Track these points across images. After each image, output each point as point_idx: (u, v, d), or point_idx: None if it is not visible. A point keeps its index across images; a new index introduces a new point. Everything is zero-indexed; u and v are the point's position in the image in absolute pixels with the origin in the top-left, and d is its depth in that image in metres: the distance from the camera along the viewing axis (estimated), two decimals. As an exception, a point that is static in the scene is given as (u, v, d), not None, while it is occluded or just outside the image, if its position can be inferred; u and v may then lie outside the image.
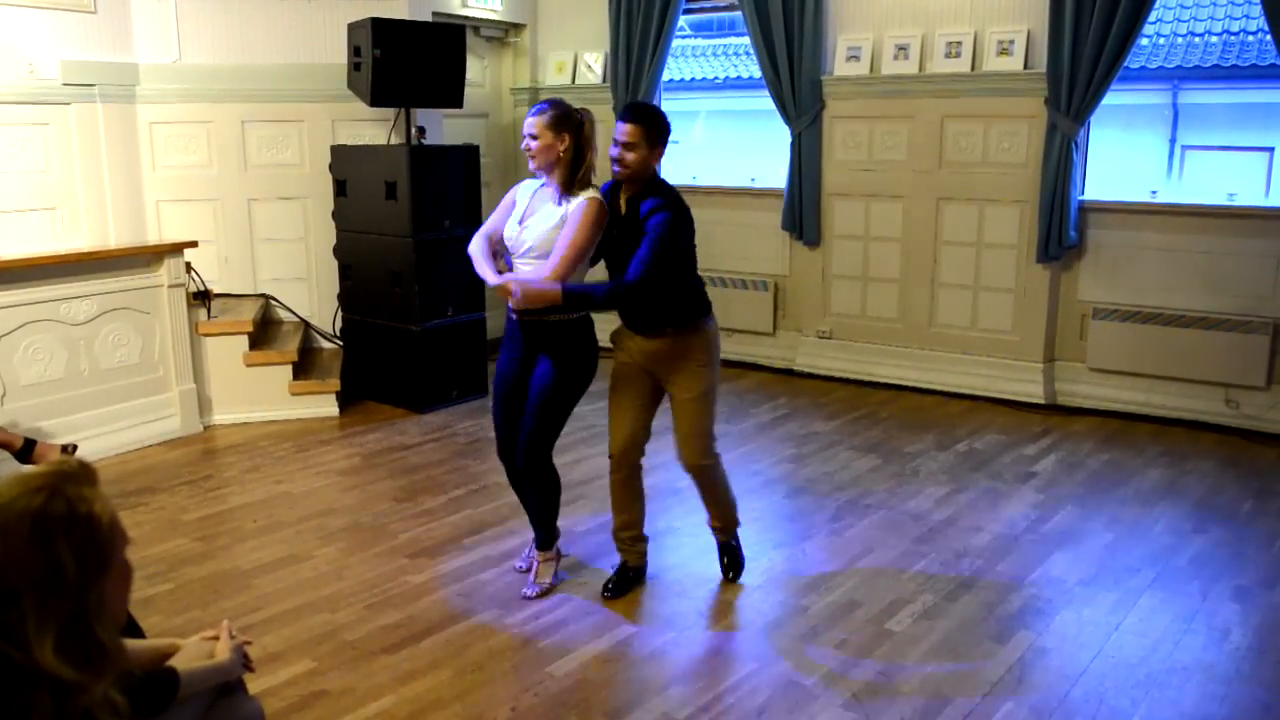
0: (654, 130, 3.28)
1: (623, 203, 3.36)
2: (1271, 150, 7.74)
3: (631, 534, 3.64)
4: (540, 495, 3.53)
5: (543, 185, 3.40)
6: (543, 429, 3.38)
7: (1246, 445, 5.22)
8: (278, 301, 6.20)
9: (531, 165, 3.34)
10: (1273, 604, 3.51)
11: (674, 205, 3.27)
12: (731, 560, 3.73)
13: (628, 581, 3.62)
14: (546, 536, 3.61)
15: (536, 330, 3.37)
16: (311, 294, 6.30)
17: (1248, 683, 3.02)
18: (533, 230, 3.33)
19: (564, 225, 3.25)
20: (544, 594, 3.56)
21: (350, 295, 6.13)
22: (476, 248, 3.45)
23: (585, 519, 4.26)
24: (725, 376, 6.47)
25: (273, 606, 3.49)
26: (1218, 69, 7.60)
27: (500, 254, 3.48)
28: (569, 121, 3.29)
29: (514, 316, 3.38)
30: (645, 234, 3.21)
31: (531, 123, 3.29)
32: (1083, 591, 3.60)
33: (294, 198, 6.17)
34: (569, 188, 3.30)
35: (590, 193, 3.28)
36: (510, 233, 3.40)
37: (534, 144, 3.29)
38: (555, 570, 3.66)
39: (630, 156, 3.26)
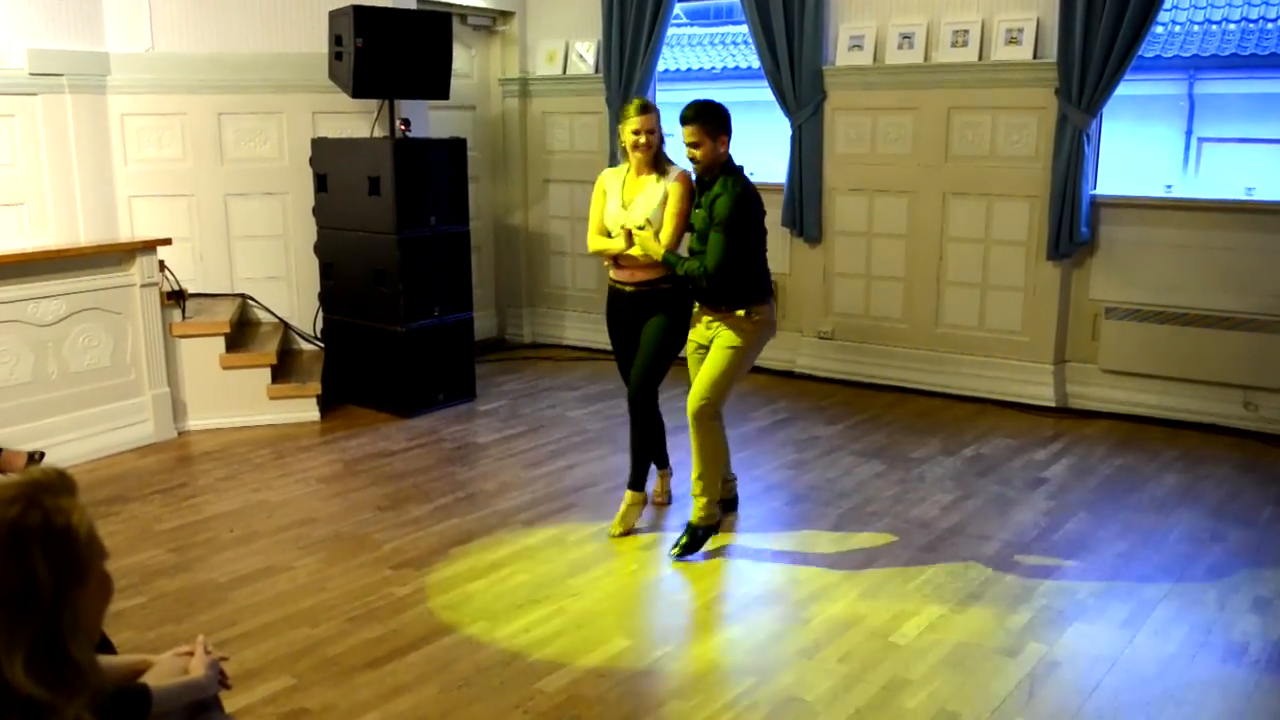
0: (712, 124, 3.84)
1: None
2: (1291, 142, 7.75)
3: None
4: (641, 431, 4.21)
5: (627, 170, 4.15)
6: (654, 371, 4.13)
7: (1265, 449, 5.23)
8: (255, 301, 6.19)
9: (638, 158, 4.04)
10: (1293, 615, 3.52)
11: (737, 190, 3.84)
12: (688, 540, 3.98)
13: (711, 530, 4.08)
14: (637, 475, 4.24)
15: (649, 297, 4.11)
16: (291, 293, 6.29)
17: (1268, 697, 3.03)
18: (641, 209, 4.04)
19: (667, 200, 4.01)
20: (625, 534, 4.13)
21: (332, 295, 6.12)
22: (599, 244, 4.17)
23: (578, 526, 4.25)
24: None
25: (250, 620, 3.47)
26: (1235, 58, 7.61)
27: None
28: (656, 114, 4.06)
29: (629, 289, 4.12)
30: (712, 221, 3.85)
31: (643, 120, 3.98)
32: (1095, 603, 3.61)
33: (273, 193, 6.16)
34: (662, 169, 4.08)
35: (678, 170, 4.05)
36: (614, 217, 4.10)
37: (647, 138, 3.99)
38: (640, 513, 4.26)
39: (698, 153, 3.86)
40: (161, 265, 5.39)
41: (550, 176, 7.55)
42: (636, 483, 4.25)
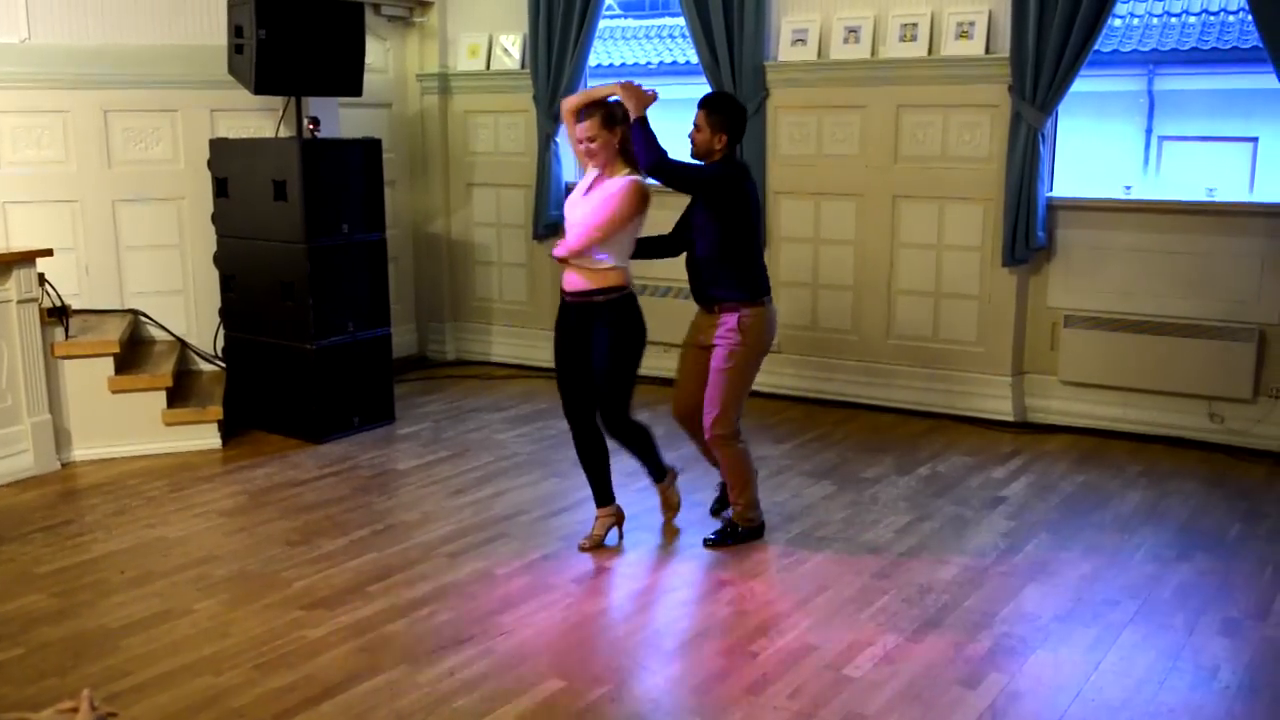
0: (716, 116, 4.18)
1: None
2: (1255, 140, 8.02)
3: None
4: (634, 450, 4.38)
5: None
6: (616, 396, 4.20)
7: (1232, 462, 5.39)
8: (148, 318, 6.09)
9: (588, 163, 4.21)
10: (1264, 638, 3.62)
11: (723, 163, 4.22)
12: (729, 534, 4.41)
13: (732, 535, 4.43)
14: (658, 469, 4.49)
15: (587, 309, 4.15)
16: (188, 309, 6.19)
17: (1237, 724, 3.11)
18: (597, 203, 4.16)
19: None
20: (593, 548, 4.33)
21: (234, 310, 6.04)
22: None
23: (508, 559, 4.23)
24: (659, 397, 6.50)
25: (144, 671, 3.40)
26: (1196, 52, 7.86)
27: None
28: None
29: (567, 299, 4.21)
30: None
31: (582, 128, 4.10)
32: (1058, 628, 3.68)
33: (167, 199, 6.07)
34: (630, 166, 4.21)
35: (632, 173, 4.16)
36: (570, 203, 4.30)
37: (588, 146, 4.12)
38: (680, 497, 4.64)
39: (697, 137, 4.22)
40: (41, 279, 5.27)
41: (474, 180, 7.53)
42: (602, 498, 4.39)
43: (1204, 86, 8.46)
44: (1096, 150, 7.26)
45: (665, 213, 4.55)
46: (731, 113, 4.23)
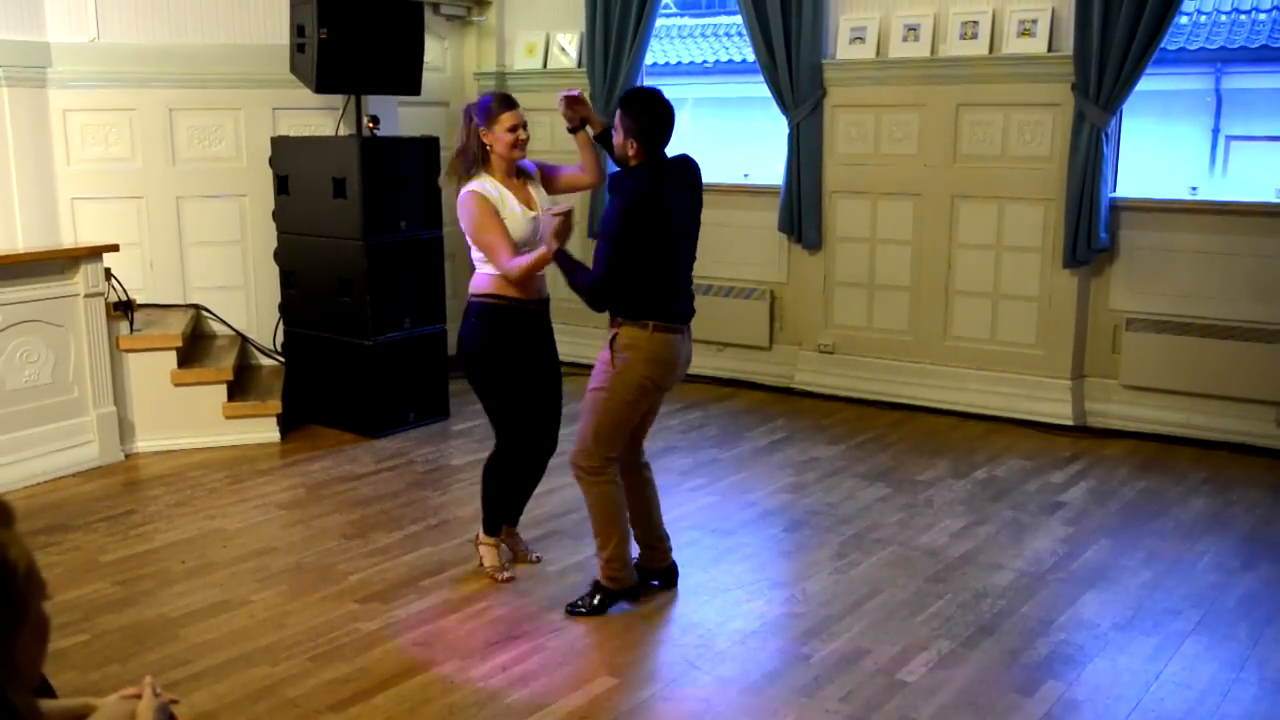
0: (631, 120, 3.56)
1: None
2: (1325, 141, 7.81)
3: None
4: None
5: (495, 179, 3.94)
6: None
7: (1299, 471, 5.27)
8: (210, 313, 6.18)
9: (514, 158, 3.91)
10: (1330, 649, 3.53)
11: (626, 193, 3.55)
12: (588, 596, 3.81)
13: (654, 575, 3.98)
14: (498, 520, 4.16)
15: (546, 316, 4.04)
16: (249, 304, 6.28)
17: (1302, 738, 3.04)
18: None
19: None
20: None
21: (293, 306, 6.11)
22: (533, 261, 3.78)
23: (560, 556, 4.25)
24: (716, 395, 6.50)
25: (203, 659, 3.45)
26: (1265, 50, 7.67)
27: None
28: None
29: (531, 308, 3.93)
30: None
31: (519, 114, 3.86)
32: (1118, 637, 3.62)
33: (229, 195, 6.16)
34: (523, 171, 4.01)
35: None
36: (528, 230, 3.88)
37: (526, 132, 3.90)
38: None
39: (615, 141, 3.65)
40: (108, 273, 5.38)
41: (529, 178, 7.55)
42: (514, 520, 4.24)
43: (1274, 85, 8.27)
44: (1162, 150, 7.13)
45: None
46: (645, 115, 3.56)
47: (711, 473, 5.25)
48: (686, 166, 3.75)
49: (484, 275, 3.88)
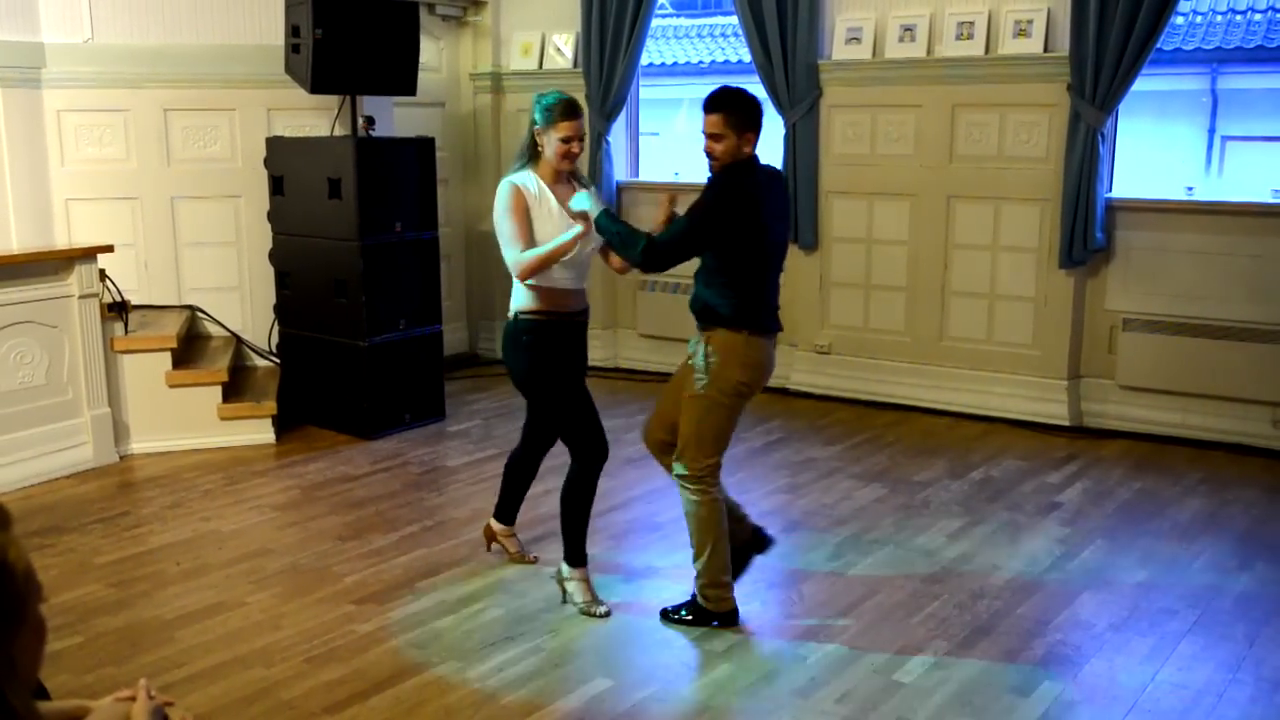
0: (739, 116, 3.52)
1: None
2: (1321, 141, 7.84)
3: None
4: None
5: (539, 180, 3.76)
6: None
7: (1295, 471, 5.28)
8: (205, 314, 6.18)
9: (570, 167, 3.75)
10: (1326, 649, 3.54)
11: (720, 188, 3.52)
12: (684, 609, 3.74)
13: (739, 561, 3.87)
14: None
15: (583, 329, 3.86)
16: (244, 305, 6.27)
17: (1299, 738, 3.05)
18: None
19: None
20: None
21: (288, 306, 6.11)
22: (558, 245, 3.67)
23: (556, 558, 4.24)
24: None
25: (198, 661, 3.45)
26: (1261, 50, 7.70)
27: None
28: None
29: (574, 320, 3.79)
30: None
31: (579, 124, 3.68)
32: (1114, 637, 3.62)
33: (224, 196, 6.15)
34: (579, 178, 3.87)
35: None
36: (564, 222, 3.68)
37: (580, 145, 3.70)
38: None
39: (718, 148, 3.53)
40: (102, 274, 5.37)
41: (525, 178, 7.55)
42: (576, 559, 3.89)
43: (1269, 85, 8.30)
44: (1158, 150, 7.15)
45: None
46: (752, 107, 3.57)
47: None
48: (777, 176, 3.73)
49: (519, 289, 3.74)
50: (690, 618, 3.70)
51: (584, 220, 3.59)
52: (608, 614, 3.77)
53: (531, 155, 3.72)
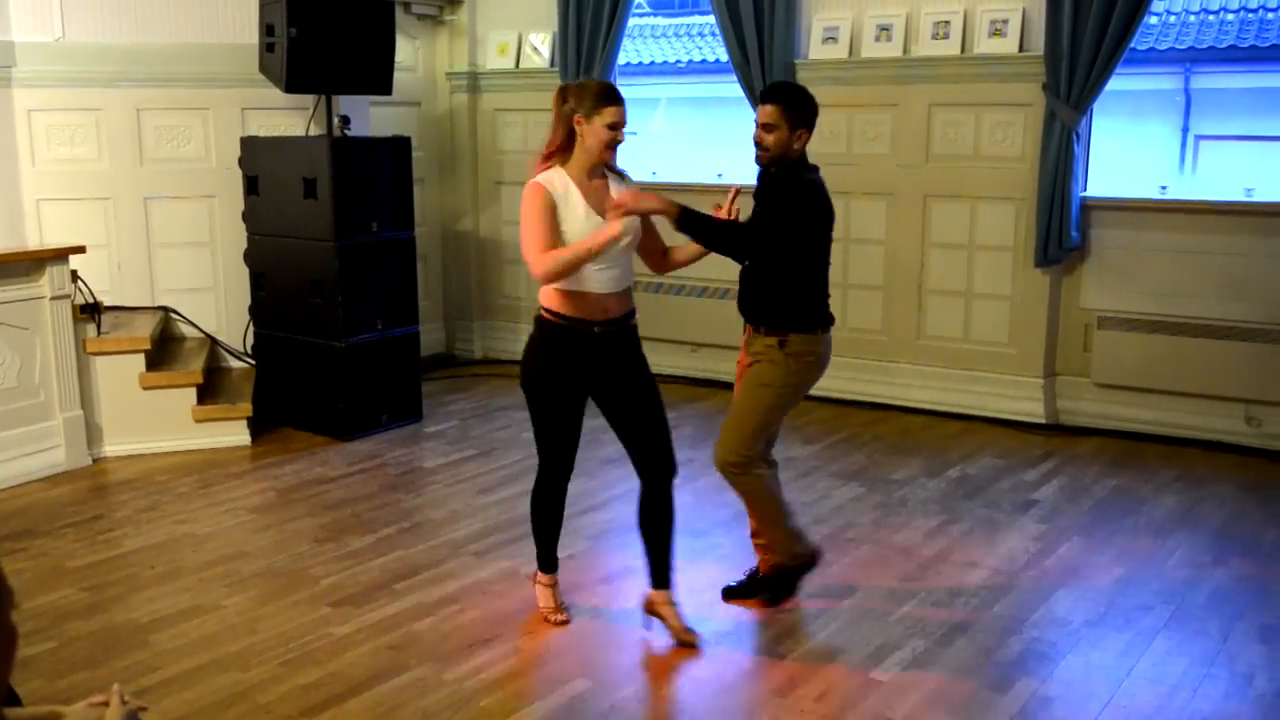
0: (797, 110, 3.50)
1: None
2: (1293, 140, 7.90)
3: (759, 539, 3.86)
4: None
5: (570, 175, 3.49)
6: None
7: (1269, 467, 5.32)
8: (179, 315, 6.14)
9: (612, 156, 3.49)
10: (1299, 644, 3.58)
11: (808, 187, 3.54)
12: (764, 584, 3.84)
13: (755, 584, 3.87)
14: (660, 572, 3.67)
15: (625, 337, 3.55)
16: (219, 306, 6.24)
17: (1272, 732, 3.08)
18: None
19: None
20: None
21: (264, 307, 6.08)
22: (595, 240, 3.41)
23: (534, 558, 4.23)
24: (690, 396, 6.50)
25: (173, 666, 3.43)
26: (1234, 50, 7.77)
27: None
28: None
29: (596, 330, 3.48)
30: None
31: (622, 110, 3.44)
32: (1090, 633, 3.65)
33: (198, 196, 6.12)
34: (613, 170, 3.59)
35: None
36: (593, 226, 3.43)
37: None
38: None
39: (769, 139, 3.50)
40: (74, 275, 5.33)
41: (502, 178, 7.55)
42: (661, 580, 3.68)
43: (1242, 85, 8.36)
44: (1132, 150, 7.19)
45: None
46: (810, 103, 3.55)
47: (685, 473, 5.20)
48: (819, 174, 3.69)
49: (545, 290, 3.52)
50: (785, 584, 3.79)
51: (624, 216, 3.34)
52: (564, 622, 3.69)
53: (563, 149, 3.44)
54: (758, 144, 3.55)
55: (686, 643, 3.55)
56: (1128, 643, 3.57)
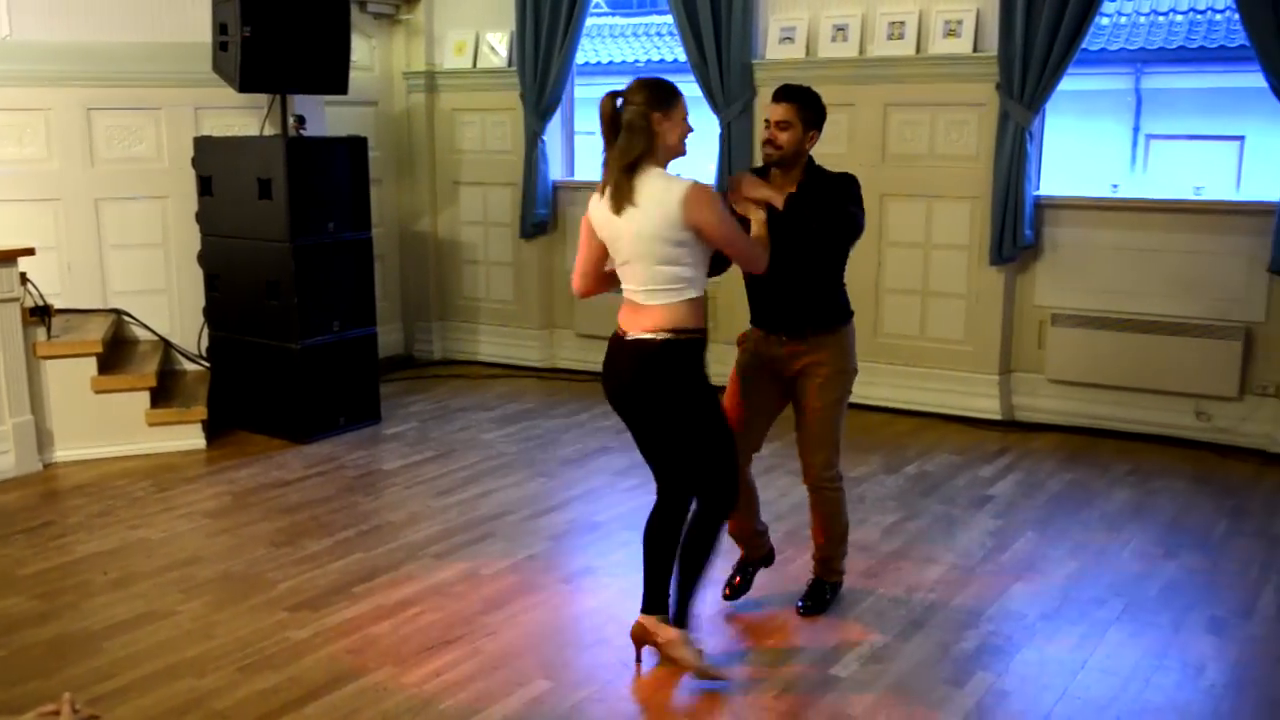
0: (811, 111, 3.57)
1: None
2: (1242, 139, 8.07)
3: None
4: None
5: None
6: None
7: (1218, 461, 5.42)
8: (131, 317, 6.06)
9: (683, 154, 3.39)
10: (1251, 636, 3.64)
11: (857, 186, 3.62)
12: (816, 598, 3.84)
13: (748, 576, 3.91)
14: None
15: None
16: (172, 308, 6.17)
17: (1222, 722, 3.13)
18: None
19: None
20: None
21: (218, 309, 6.02)
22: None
23: (494, 560, 4.23)
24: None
25: (127, 673, 3.39)
26: (1183, 51, 7.90)
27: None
28: None
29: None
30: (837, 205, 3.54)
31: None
32: (1045, 626, 3.70)
33: (150, 197, 6.05)
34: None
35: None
36: None
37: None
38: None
39: (783, 137, 3.53)
40: (23, 278, 5.25)
41: (460, 179, 7.52)
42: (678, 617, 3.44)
43: (1191, 85, 8.51)
44: (1084, 149, 7.30)
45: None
46: (822, 107, 3.61)
47: (646, 473, 5.18)
48: None
49: (678, 304, 3.22)
50: (818, 601, 3.82)
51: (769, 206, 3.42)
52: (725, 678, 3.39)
53: (650, 151, 3.23)
54: (770, 142, 3.52)
55: (717, 679, 3.35)
56: (1081, 635, 3.63)
